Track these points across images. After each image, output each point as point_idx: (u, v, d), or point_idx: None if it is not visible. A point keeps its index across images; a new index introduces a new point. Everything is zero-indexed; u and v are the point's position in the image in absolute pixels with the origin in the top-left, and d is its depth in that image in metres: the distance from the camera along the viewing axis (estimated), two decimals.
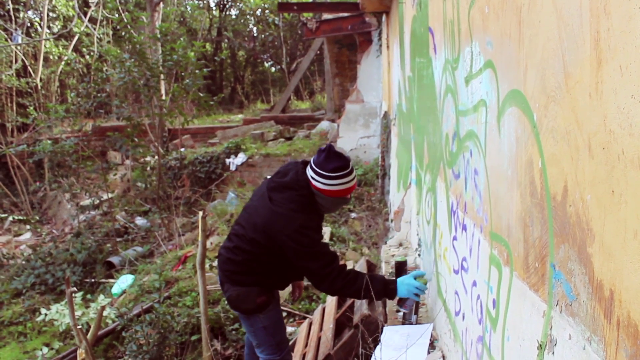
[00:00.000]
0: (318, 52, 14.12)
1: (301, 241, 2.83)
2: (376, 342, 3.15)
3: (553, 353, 1.27)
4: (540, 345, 1.35)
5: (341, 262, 3.05)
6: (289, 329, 5.13)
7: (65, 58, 15.00)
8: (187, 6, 21.51)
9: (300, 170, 2.99)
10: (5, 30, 14.46)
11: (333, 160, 2.86)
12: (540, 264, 1.36)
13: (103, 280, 7.65)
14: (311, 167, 2.92)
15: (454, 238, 2.55)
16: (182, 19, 21.40)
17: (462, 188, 2.32)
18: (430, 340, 3.04)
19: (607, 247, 1.00)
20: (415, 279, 3.00)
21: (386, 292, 2.98)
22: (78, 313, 5.99)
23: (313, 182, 2.89)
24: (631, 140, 0.89)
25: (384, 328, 3.30)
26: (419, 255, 4.00)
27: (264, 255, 2.97)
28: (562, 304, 1.22)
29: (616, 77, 0.93)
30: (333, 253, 2.94)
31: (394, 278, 3.10)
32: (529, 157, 1.42)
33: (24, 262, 8.56)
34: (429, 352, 2.92)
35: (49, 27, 15.93)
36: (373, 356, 2.99)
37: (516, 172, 1.53)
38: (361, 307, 3.84)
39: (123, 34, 9.54)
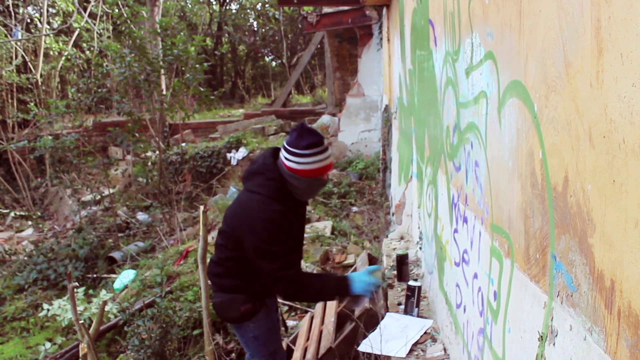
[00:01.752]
0: (319, 46, 14.08)
1: (261, 235, 2.68)
2: None
3: (554, 344, 1.27)
4: (541, 336, 1.35)
5: (301, 270, 2.96)
6: (291, 323, 5.13)
7: (66, 54, 14.98)
8: (187, 0, 21.47)
9: (267, 155, 2.87)
10: (5, 26, 14.43)
11: (306, 137, 2.72)
12: (541, 255, 1.36)
13: (105, 275, 7.66)
14: (284, 148, 2.77)
15: (455, 230, 2.55)
16: (182, 14, 21.35)
17: (463, 180, 2.31)
18: (431, 333, 3.04)
19: (607, 237, 0.99)
20: (370, 274, 2.87)
21: (340, 290, 2.84)
22: (80, 308, 6.00)
23: (286, 162, 2.73)
24: (632, 129, 0.88)
25: (386, 314, 3.30)
26: (420, 248, 4.00)
27: (239, 250, 2.81)
28: (563, 295, 1.22)
29: (617, 65, 0.93)
30: (289, 256, 2.79)
31: (347, 274, 2.95)
32: (529, 148, 1.41)
33: (26, 258, 8.57)
34: (430, 346, 2.92)
35: (48, 23, 15.89)
36: (368, 339, 3.00)
37: (517, 164, 1.52)
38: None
39: (123, 29, 9.51)
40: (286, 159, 2.74)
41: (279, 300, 3.87)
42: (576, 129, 1.11)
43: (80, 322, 3.62)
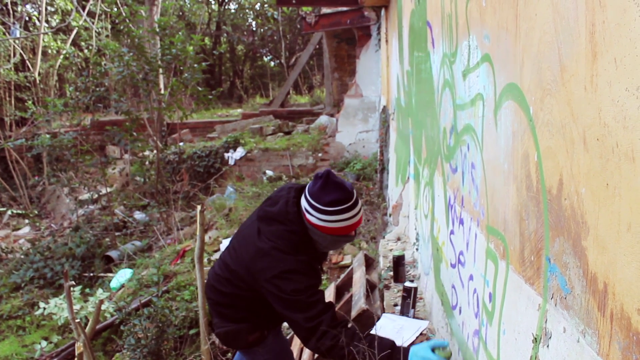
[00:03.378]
0: (317, 46, 14.09)
1: (283, 287, 2.32)
2: None
3: (548, 346, 1.28)
4: (535, 338, 1.36)
5: (347, 321, 2.49)
6: None
7: (64, 52, 14.97)
8: (186, 0, 21.46)
9: (291, 200, 2.48)
10: (3, 24, 14.41)
11: (331, 191, 2.34)
12: (535, 258, 1.36)
13: (102, 274, 7.66)
14: (305, 197, 2.41)
15: (451, 232, 2.56)
16: (180, 13, 21.36)
17: (459, 182, 2.32)
18: (427, 334, 3.05)
19: (601, 240, 1.00)
20: (433, 351, 2.23)
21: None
22: (77, 307, 6.00)
23: (307, 215, 2.39)
24: (625, 133, 0.89)
25: (382, 315, 3.31)
26: (417, 249, 4.01)
27: (251, 291, 2.51)
28: (557, 297, 1.22)
29: (611, 70, 0.93)
30: (323, 303, 2.35)
31: (405, 345, 2.34)
32: (525, 151, 1.42)
33: (22, 257, 8.56)
34: None
35: (47, 21, 15.88)
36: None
37: (512, 166, 1.53)
38: (359, 301, 3.85)
39: (122, 28, 9.51)
40: (307, 211, 2.40)
41: None
42: (571, 132, 1.12)
43: (77, 320, 3.62)
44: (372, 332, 2.84)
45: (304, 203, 2.42)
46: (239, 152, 10.50)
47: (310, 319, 2.30)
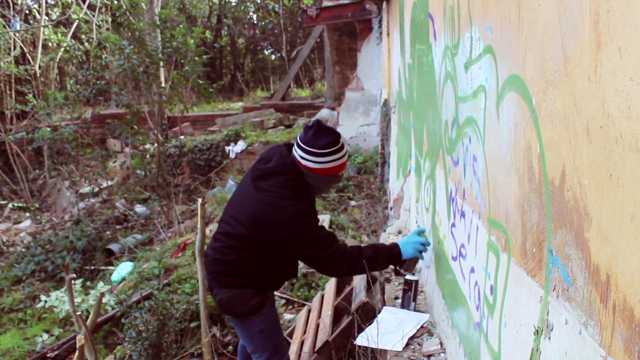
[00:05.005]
0: (318, 39, 14.05)
1: (296, 230, 2.62)
2: None
3: (549, 338, 1.27)
4: (537, 330, 1.35)
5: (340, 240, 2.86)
6: (288, 316, 5.15)
7: (64, 45, 14.94)
8: None
9: (284, 153, 2.77)
10: (3, 17, 14.38)
11: (323, 136, 2.68)
12: (537, 250, 1.36)
13: (103, 267, 7.67)
14: (299, 146, 2.71)
15: (453, 225, 2.55)
16: (181, 6, 21.29)
17: (460, 175, 2.31)
18: (427, 327, 3.05)
19: (604, 231, 0.99)
20: (418, 235, 2.93)
21: (392, 256, 2.83)
22: (78, 300, 6.01)
23: (303, 162, 2.69)
24: (629, 124, 0.88)
25: (383, 308, 3.31)
26: None
27: (255, 251, 2.75)
28: (559, 289, 1.22)
29: (615, 59, 0.92)
30: (331, 235, 2.74)
31: (394, 242, 2.93)
32: (527, 143, 1.41)
33: (23, 250, 8.57)
34: (426, 340, 2.93)
35: (47, 14, 15.83)
36: (364, 333, 3.01)
37: (514, 158, 1.52)
38: (359, 294, 3.85)
39: (122, 20, 9.48)
40: (302, 157, 2.69)
41: (275, 293, 3.86)
42: (574, 123, 1.11)
43: (78, 313, 3.62)
44: (373, 324, 2.86)
45: (298, 152, 2.71)
46: (240, 146, 10.49)
47: (325, 249, 2.65)
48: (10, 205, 11.50)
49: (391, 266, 3.05)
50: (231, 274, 2.82)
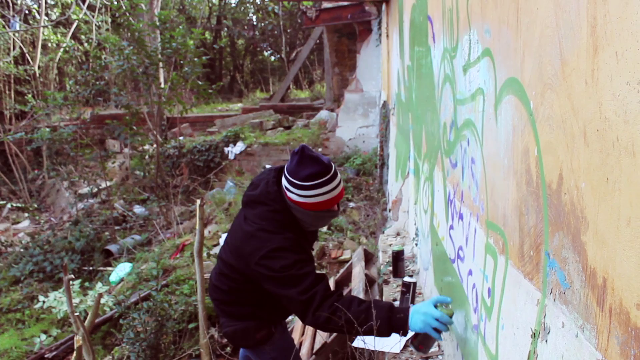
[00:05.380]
0: (318, 41, 14.06)
1: (271, 266, 2.27)
2: None
3: (546, 341, 1.27)
4: (534, 333, 1.35)
5: (342, 291, 2.53)
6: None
7: (64, 45, 14.94)
8: None
9: (271, 180, 2.46)
10: (3, 17, 14.38)
11: (307, 166, 2.30)
12: (535, 253, 1.36)
13: (101, 268, 7.67)
14: (284, 176, 2.38)
15: (451, 227, 2.55)
16: (181, 7, 21.31)
17: (459, 177, 2.32)
18: None
19: (600, 234, 0.99)
20: (436, 306, 2.20)
21: (392, 323, 2.19)
22: (76, 300, 6.01)
23: (288, 193, 2.37)
24: (626, 127, 0.88)
25: None
26: (416, 244, 4.01)
27: (247, 283, 2.49)
28: (555, 292, 1.22)
29: (612, 63, 0.93)
30: (315, 274, 2.30)
31: (406, 305, 2.38)
32: (525, 146, 1.41)
33: (22, 250, 8.57)
34: None
35: (47, 14, 15.84)
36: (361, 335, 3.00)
37: (512, 161, 1.52)
38: (357, 296, 3.85)
39: (122, 21, 9.49)
40: (287, 189, 2.37)
41: None
42: (571, 127, 1.11)
43: (76, 314, 3.62)
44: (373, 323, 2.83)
45: (284, 182, 2.39)
46: (239, 147, 10.49)
47: (304, 292, 2.24)
48: (8, 206, 11.49)
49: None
50: (231, 303, 2.63)
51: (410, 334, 2.25)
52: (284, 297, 2.32)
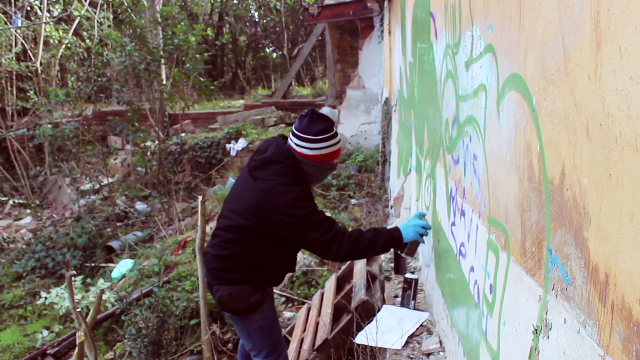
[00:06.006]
0: (320, 37, 14.03)
1: (297, 214, 2.62)
2: None
3: (548, 337, 1.27)
4: (536, 329, 1.35)
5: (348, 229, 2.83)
6: (288, 314, 5.15)
7: (66, 42, 14.92)
8: None
9: (280, 143, 2.82)
10: (4, 13, 14.37)
11: (318, 123, 2.72)
12: (537, 249, 1.36)
13: (103, 264, 7.68)
14: (294, 135, 2.75)
15: (453, 224, 2.55)
16: (183, 3, 21.26)
17: (461, 173, 2.31)
18: (427, 325, 3.05)
19: (603, 230, 0.99)
20: (419, 218, 2.88)
21: (393, 239, 2.79)
22: (78, 297, 6.02)
23: (299, 149, 2.73)
24: (629, 123, 0.88)
25: (382, 306, 3.31)
26: None
27: (256, 242, 2.75)
28: (557, 288, 1.22)
29: (615, 58, 0.92)
30: (331, 219, 2.73)
31: (395, 226, 2.88)
32: (527, 142, 1.41)
33: (24, 246, 8.58)
34: (426, 338, 2.94)
35: (49, 11, 15.83)
36: (364, 331, 3.01)
37: (515, 157, 1.52)
38: (359, 292, 3.85)
39: (123, 17, 9.48)
40: (298, 145, 2.73)
41: (275, 290, 3.83)
42: (574, 122, 1.11)
43: (78, 310, 3.63)
44: (373, 323, 2.86)
45: (293, 140, 2.76)
46: (241, 143, 10.49)
47: (326, 232, 2.64)
48: (11, 202, 11.51)
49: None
50: (231, 270, 2.82)
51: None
52: (308, 241, 2.71)
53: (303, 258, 5.80)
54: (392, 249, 3.04)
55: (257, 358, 3.01)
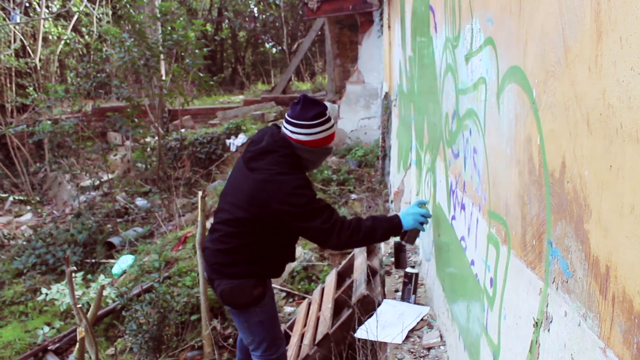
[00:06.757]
0: (319, 32, 14.01)
1: (298, 202, 2.62)
2: None
3: (549, 330, 1.27)
4: (537, 322, 1.35)
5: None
6: (289, 309, 5.16)
7: (65, 38, 14.88)
8: None
9: (275, 132, 2.81)
10: (3, 9, 14.33)
11: (311, 108, 2.72)
12: (537, 242, 1.35)
13: (103, 260, 7.68)
14: (288, 122, 2.75)
15: (453, 217, 2.55)
16: None
17: (461, 167, 2.31)
18: (427, 320, 3.05)
19: (603, 222, 0.99)
20: (419, 206, 2.88)
21: (392, 227, 2.79)
22: (78, 293, 6.02)
23: (294, 136, 2.73)
24: (630, 114, 0.87)
25: (383, 301, 3.31)
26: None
27: (256, 234, 2.75)
28: (558, 281, 1.21)
29: (616, 49, 0.92)
30: (330, 206, 2.73)
31: (395, 214, 2.89)
32: (527, 134, 1.40)
33: (24, 243, 8.58)
34: (426, 332, 2.94)
35: (47, 7, 15.77)
36: (364, 325, 3.01)
37: (515, 150, 1.51)
38: (360, 287, 3.85)
39: (122, 13, 9.46)
40: (293, 132, 2.73)
41: (276, 286, 3.84)
42: (574, 114, 1.10)
43: (79, 306, 3.63)
44: (373, 317, 2.86)
45: (288, 128, 2.75)
46: (241, 139, 10.47)
47: (326, 220, 2.64)
48: (11, 199, 11.50)
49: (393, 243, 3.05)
50: (232, 264, 2.82)
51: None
52: (308, 229, 2.69)
53: (303, 253, 5.80)
54: (392, 245, 3.05)
55: (255, 352, 3.02)
